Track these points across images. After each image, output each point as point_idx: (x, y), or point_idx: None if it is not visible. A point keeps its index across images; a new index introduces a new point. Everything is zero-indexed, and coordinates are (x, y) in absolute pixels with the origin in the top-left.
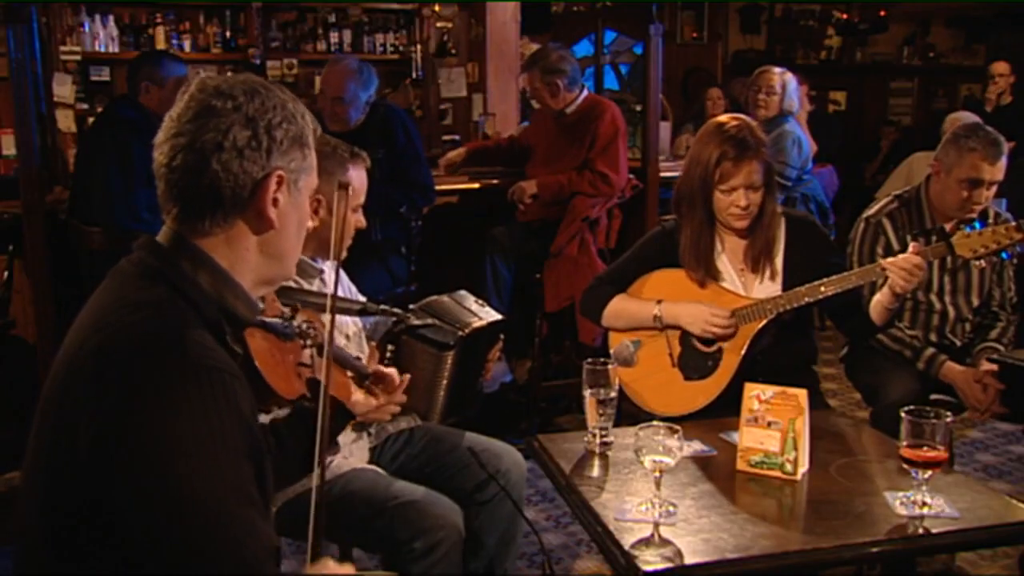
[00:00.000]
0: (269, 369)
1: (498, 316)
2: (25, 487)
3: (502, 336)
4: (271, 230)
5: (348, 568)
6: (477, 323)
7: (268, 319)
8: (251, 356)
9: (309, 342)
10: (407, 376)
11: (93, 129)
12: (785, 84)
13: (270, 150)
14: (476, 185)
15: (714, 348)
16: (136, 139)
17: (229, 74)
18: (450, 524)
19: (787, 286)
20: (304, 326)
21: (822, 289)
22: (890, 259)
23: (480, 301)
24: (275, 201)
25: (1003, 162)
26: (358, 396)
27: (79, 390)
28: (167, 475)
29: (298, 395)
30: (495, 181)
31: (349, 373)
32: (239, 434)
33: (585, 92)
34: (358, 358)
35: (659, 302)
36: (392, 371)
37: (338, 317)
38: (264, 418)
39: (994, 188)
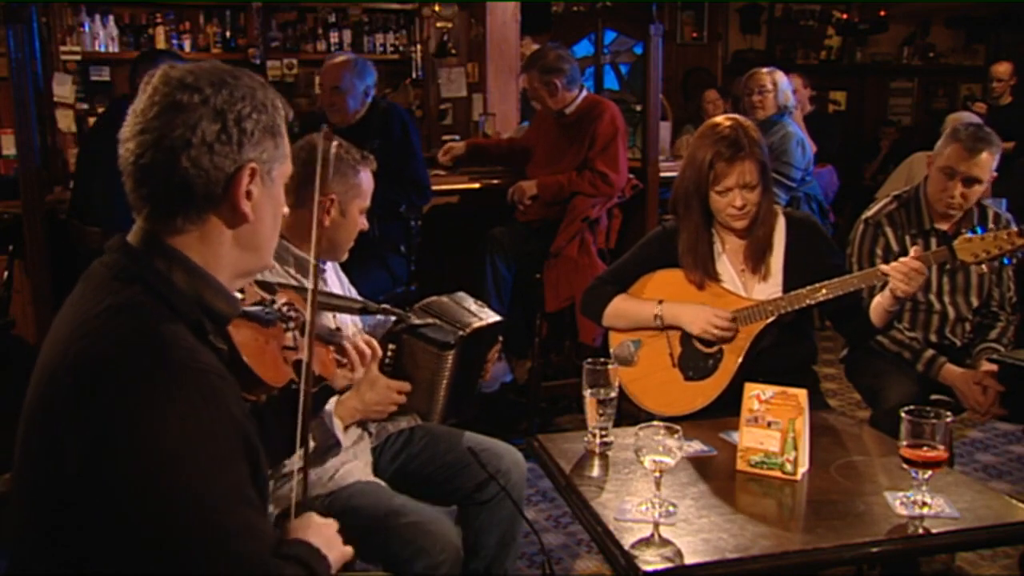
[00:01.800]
0: (256, 360)
1: (498, 317)
2: (16, 494)
3: (501, 338)
4: (246, 223)
5: (331, 522)
6: (478, 323)
7: (249, 308)
8: (237, 349)
9: (292, 324)
10: (375, 344)
11: (94, 129)
12: (776, 81)
13: (241, 143)
14: (476, 185)
15: (715, 349)
16: None
17: (193, 64)
18: (451, 547)
19: (787, 286)
20: (285, 309)
21: (823, 291)
22: (891, 264)
23: (479, 302)
24: (248, 194)
25: (983, 159)
26: (338, 370)
27: (63, 403)
28: (159, 483)
29: (286, 381)
30: (495, 181)
31: (332, 348)
32: (231, 435)
33: (585, 92)
34: (338, 329)
35: (660, 302)
36: (367, 342)
37: (338, 316)
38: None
39: (975, 188)
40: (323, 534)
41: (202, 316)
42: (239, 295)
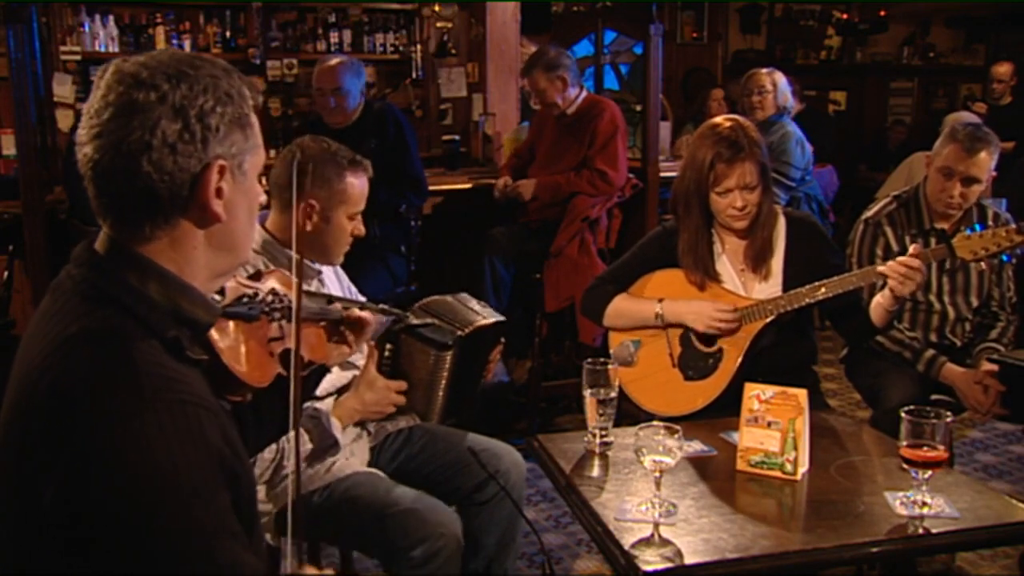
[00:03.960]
0: (239, 362)
1: (500, 317)
2: None
3: (503, 339)
4: (218, 223)
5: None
6: (478, 323)
7: (231, 307)
8: (218, 355)
9: (277, 315)
10: (371, 317)
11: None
12: (776, 82)
13: (206, 139)
14: (476, 185)
15: (714, 348)
16: None
17: (147, 55)
18: (449, 533)
19: (788, 286)
20: (270, 298)
21: (822, 290)
22: (888, 263)
23: (482, 302)
24: (219, 191)
25: (982, 159)
26: (332, 346)
27: (37, 434)
28: (139, 517)
29: (272, 379)
30: (495, 181)
31: (322, 324)
32: (210, 466)
33: (585, 92)
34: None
35: (661, 300)
36: (365, 314)
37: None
38: None
39: (974, 188)
40: None
41: (179, 330)
42: (217, 297)
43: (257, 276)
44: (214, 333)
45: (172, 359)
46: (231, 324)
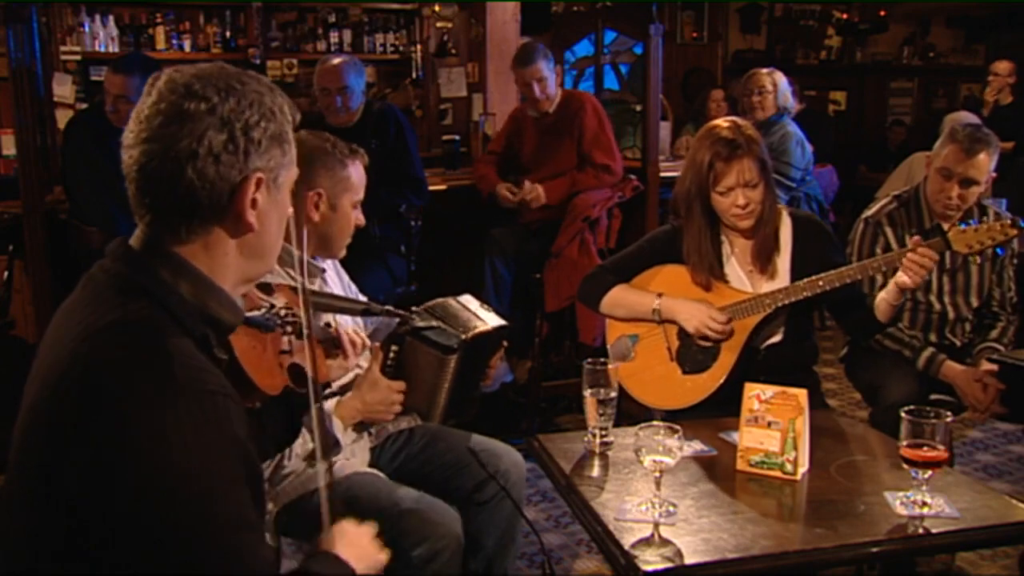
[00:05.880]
0: (254, 368)
1: (502, 321)
2: (8, 502)
3: (505, 343)
4: (251, 232)
5: (365, 530)
6: (482, 327)
7: (249, 314)
8: (236, 358)
9: (289, 328)
10: (363, 335)
11: (72, 137)
12: (776, 82)
13: (248, 152)
14: (476, 185)
15: (712, 343)
16: (98, 145)
17: (199, 68)
18: (450, 532)
19: None
20: (283, 312)
21: (820, 283)
22: (909, 251)
23: (486, 305)
24: (254, 203)
25: (980, 160)
26: (330, 361)
27: (67, 420)
28: (162, 503)
29: (281, 389)
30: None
31: (322, 346)
32: (235, 458)
33: (560, 89)
34: (327, 325)
35: (659, 295)
36: (356, 333)
37: (338, 317)
38: None
39: (972, 189)
40: (357, 544)
41: (207, 329)
42: (242, 307)
43: (267, 289)
44: (234, 337)
45: (202, 355)
46: (249, 332)
